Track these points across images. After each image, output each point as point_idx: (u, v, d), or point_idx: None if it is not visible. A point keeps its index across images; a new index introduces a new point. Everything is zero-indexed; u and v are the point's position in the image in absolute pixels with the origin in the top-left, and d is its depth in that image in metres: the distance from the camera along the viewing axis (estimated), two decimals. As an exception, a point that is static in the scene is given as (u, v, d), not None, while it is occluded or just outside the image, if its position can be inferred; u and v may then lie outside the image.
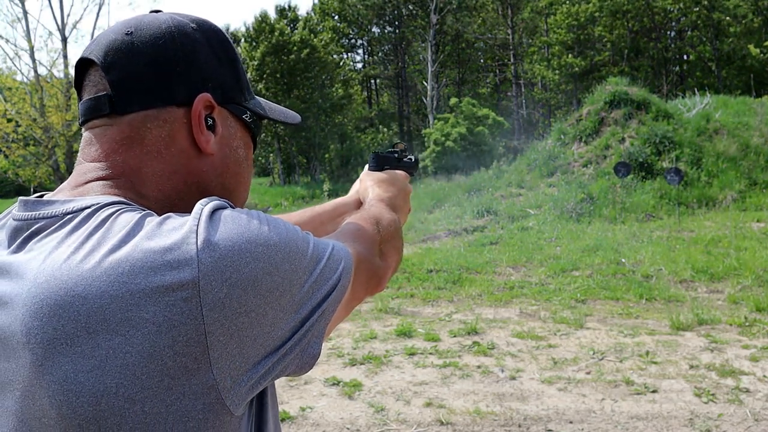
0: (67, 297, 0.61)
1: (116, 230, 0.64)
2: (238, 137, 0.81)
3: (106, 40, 0.75)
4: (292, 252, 0.67)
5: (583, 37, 35.02)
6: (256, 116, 0.83)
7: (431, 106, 33.34)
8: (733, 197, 13.40)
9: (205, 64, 0.77)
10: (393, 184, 1.19)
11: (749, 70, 32.25)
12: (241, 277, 0.62)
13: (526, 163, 17.28)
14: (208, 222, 0.64)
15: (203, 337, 0.60)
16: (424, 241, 11.60)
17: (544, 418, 3.99)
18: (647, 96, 17.30)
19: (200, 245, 0.62)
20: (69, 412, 0.61)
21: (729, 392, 4.24)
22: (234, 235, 0.63)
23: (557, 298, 6.97)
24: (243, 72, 0.83)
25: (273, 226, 0.67)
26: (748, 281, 7.11)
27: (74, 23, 24.53)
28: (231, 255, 0.62)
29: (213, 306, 0.61)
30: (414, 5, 36.86)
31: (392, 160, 1.29)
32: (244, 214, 0.66)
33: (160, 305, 0.60)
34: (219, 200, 0.68)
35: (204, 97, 0.75)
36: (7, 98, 19.13)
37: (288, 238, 0.68)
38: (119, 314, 0.60)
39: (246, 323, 0.63)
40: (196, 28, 0.78)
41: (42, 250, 0.66)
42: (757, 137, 15.88)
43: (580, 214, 12.88)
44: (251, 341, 0.64)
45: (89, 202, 0.69)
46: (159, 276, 0.60)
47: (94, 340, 0.60)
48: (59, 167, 19.60)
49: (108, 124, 0.74)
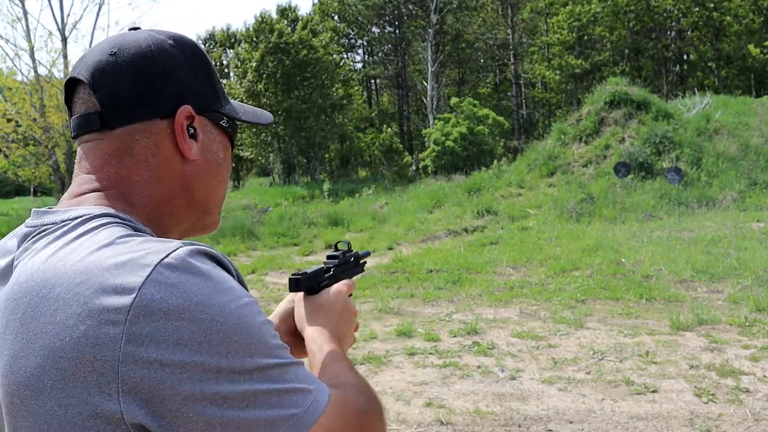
0: (30, 287, 0.70)
1: (93, 242, 0.70)
2: (217, 141, 0.88)
3: (92, 61, 0.82)
4: (238, 341, 0.67)
5: (584, 37, 35.04)
6: (231, 120, 0.90)
7: (431, 106, 33.33)
8: (733, 197, 13.40)
9: (184, 77, 0.84)
10: (331, 312, 1.00)
11: (749, 70, 32.26)
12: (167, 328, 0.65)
13: (526, 163, 17.28)
14: (174, 264, 0.67)
15: (117, 364, 0.64)
16: (424, 241, 11.60)
17: (544, 418, 3.99)
18: (647, 96, 17.31)
19: (150, 280, 0.66)
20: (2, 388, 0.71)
21: (729, 392, 4.24)
22: (188, 287, 0.66)
23: (557, 298, 6.97)
24: (218, 81, 0.90)
25: (236, 305, 0.69)
26: (748, 281, 7.10)
27: (74, 23, 24.54)
28: (170, 303, 0.65)
29: (133, 340, 0.64)
30: (414, 5, 36.84)
31: (321, 278, 1.06)
32: (212, 276, 0.69)
33: (95, 321, 0.65)
34: (200, 247, 0.72)
35: (185, 109, 0.82)
36: (7, 98, 19.13)
37: (243, 323, 0.68)
38: (65, 311, 0.66)
39: (158, 376, 0.64)
40: (173, 44, 0.84)
41: (33, 253, 0.74)
42: (757, 137, 15.89)
43: (580, 214, 12.88)
44: (159, 395, 0.65)
45: (81, 213, 0.76)
46: (104, 295, 0.65)
47: (36, 325, 0.68)
48: (59, 167, 19.59)
49: (99, 138, 0.82)
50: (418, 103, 40.89)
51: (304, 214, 14.67)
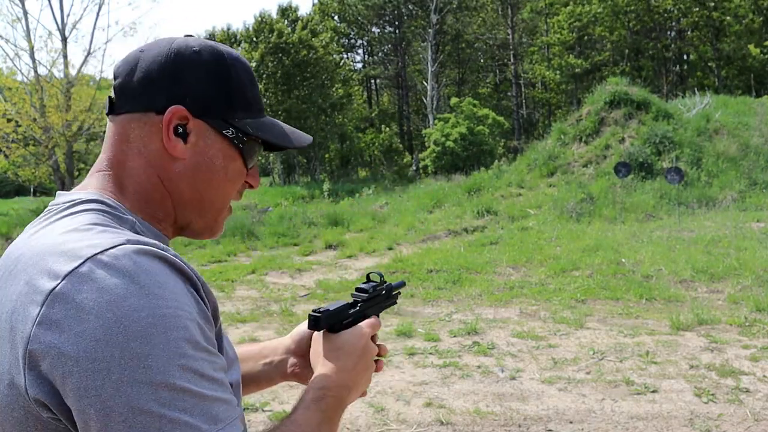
0: (6, 261, 0.79)
1: (63, 226, 0.78)
2: (216, 148, 0.89)
3: (128, 54, 0.91)
4: (135, 349, 0.66)
5: (584, 37, 35.04)
6: (243, 134, 0.90)
7: (431, 106, 33.33)
8: (733, 197, 13.40)
9: (193, 81, 0.87)
10: (349, 356, 0.96)
11: (749, 70, 32.26)
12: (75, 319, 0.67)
13: (526, 163, 17.28)
14: (104, 260, 0.70)
15: (27, 342, 0.68)
16: (424, 241, 11.60)
17: (544, 418, 3.99)
18: (647, 96, 17.31)
19: (75, 272, 0.69)
20: None
21: (729, 392, 4.24)
22: (107, 284, 0.68)
23: (557, 298, 6.97)
24: (238, 92, 0.90)
25: (150, 312, 0.68)
26: (748, 281, 7.10)
27: (74, 23, 24.46)
28: (85, 296, 0.68)
29: (43, 323, 0.68)
30: (414, 5, 36.84)
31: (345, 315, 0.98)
32: (139, 278, 0.69)
33: (26, 298, 0.71)
34: (148, 248, 0.73)
35: (176, 108, 0.86)
36: (7, 98, 19.12)
37: (149, 333, 0.67)
38: (15, 286, 0.74)
39: (55, 362, 0.67)
40: (197, 51, 0.89)
41: (26, 232, 0.83)
42: (757, 137, 15.89)
43: (580, 214, 12.88)
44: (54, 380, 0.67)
45: (76, 197, 0.84)
46: (39, 277, 0.71)
47: (1, 294, 0.76)
48: (59, 167, 19.59)
49: (111, 121, 0.90)
50: (418, 103, 40.89)
51: (304, 214, 14.66)
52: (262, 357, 1.13)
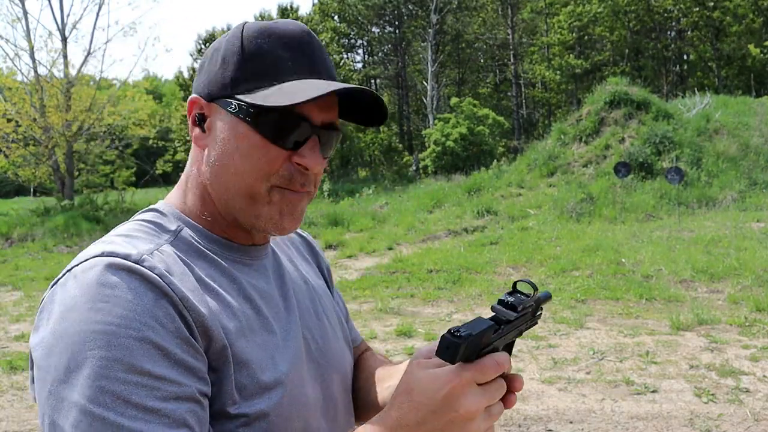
0: None
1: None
2: (227, 129, 0.83)
3: None
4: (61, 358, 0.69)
5: (584, 37, 35.03)
6: (247, 106, 0.81)
7: (431, 106, 33.32)
8: (733, 197, 13.40)
9: (209, 68, 0.86)
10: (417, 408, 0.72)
11: (749, 70, 32.25)
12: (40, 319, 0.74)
13: (526, 163, 17.28)
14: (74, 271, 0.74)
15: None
16: (424, 241, 11.60)
17: (544, 418, 3.99)
18: (647, 96, 17.31)
19: (59, 279, 0.75)
20: None
21: (729, 392, 4.23)
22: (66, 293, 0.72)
23: (557, 298, 6.97)
24: (237, 66, 0.83)
25: (86, 328, 0.68)
26: (748, 281, 7.10)
27: (74, 23, 24.45)
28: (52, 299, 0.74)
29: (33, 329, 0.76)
30: (414, 5, 36.83)
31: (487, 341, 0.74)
32: (91, 294, 0.70)
33: None
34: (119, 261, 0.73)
35: (192, 98, 0.86)
36: (7, 98, 19.10)
37: (75, 348, 0.68)
38: None
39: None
40: (226, 38, 0.86)
41: None
42: (757, 137, 15.88)
43: (580, 214, 12.87)
44: None
45: (149, 207, 0.91)
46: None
47: None
48: (59, 167, 19.57)
49: None
50: (418, 103, 40.87)
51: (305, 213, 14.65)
52: (384, 379, 1.00)
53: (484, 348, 0.73)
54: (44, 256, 12.35)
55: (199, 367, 0.73)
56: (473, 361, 0.72)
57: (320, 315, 0.98)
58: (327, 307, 1.02)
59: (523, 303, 0.77)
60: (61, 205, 17.65)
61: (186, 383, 0.70)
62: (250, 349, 0.80)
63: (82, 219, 15.72)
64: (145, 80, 27.69)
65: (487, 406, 0.73)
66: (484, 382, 0.72)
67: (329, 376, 0.94)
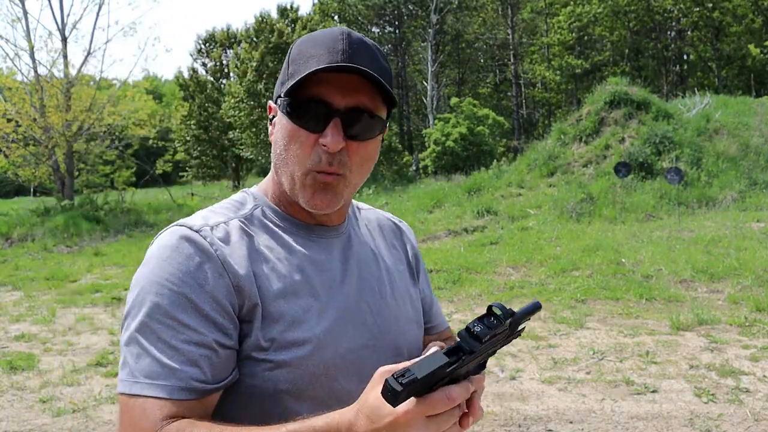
0: None
1: None
2: (278, 124, 1.00)
3: None
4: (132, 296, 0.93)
5: (584, 38, 35.03)
6: (283, 99, 0.98)
7: (431, 106, 33.32)
8: (733, 197, 13.40)
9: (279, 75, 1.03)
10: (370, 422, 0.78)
11: (749, 70, 32.25)
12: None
13: (526, 163, 17.28)
14: (161, 233, 0.98)
15: None
16: (424, 241, 11.60)
17: (544, 418, 3.99)
18: (647, 96, 17.31)
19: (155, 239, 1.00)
20: None
21: (729, 392, 4.24)
22: (150, 250, 0.96)
23: (557, 298, 6.97)
24: (286, 69, 1.00)
25: (150, 279, 0.91)
26: (748, 281, 7.10)
27: (74, 23, 24.47)
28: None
29: None
30: (414, 5, 36.82)
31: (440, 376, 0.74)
32: (162, 253, 0.93)
33: None
34: (187, 233, 0.94)
35: (270, 103, 1.04)
36: (7, 98, 19.09)
37: (141, 291, 0.92)
38: None
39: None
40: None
41: None
42: (757, 137, 15.88)
43: (580, 214, 12.88)
44: None
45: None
46: None
47: None
48: (59, 167, 19.55)
49: None
50: (418, 103, 40.86)
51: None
52: None
53: (438, 382, 0.74)
54: (44, 256, 12.35)
55: (222, 323, 0.91)
56: (423, 395, 0.73)
57: (384, 294, 1.09)
58: (398, 289, 1.14)
59: (490, 333, 0.77)
60: (61, 205, 17.65)
61: (206, 333, 0.89)
62: (288, 308, 0.95)
63: (82, 219, 15.72)
64: (145, 80, 27.69)
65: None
66: (434, 414, 0.75)
67: (380, 348, 1.04)
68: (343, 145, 0.94)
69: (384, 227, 1.24)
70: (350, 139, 0.95)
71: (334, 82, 0.93)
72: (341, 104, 0.94)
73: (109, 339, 6.15)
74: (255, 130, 28.79)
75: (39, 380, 4.99)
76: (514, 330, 0.82)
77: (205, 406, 0.89)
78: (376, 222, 1.23)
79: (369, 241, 1.15)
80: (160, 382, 0.86)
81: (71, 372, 5.15)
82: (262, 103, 27.49)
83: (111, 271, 10.19)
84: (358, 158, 0.98)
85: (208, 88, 36.72)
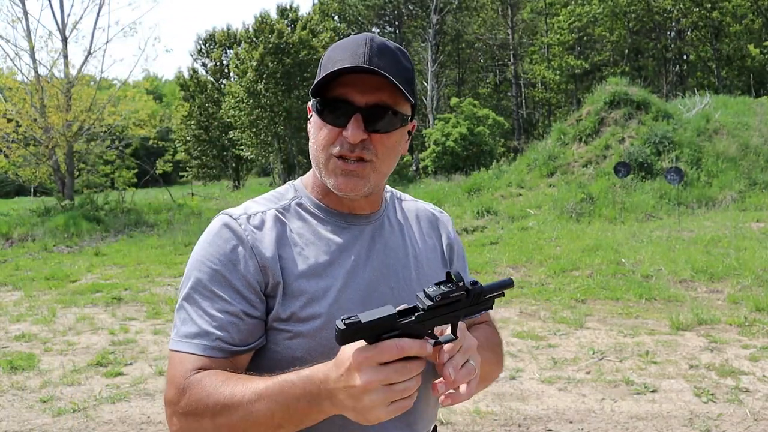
0: None
1: None
2: (312, 123, 1.15)
3: None
4: (186, 269, 1.13)
5: (584, 38, 35.03)
6: (313, 99, 1.12)
7: (431, 106, 33.33)
8: (733, 197, 13.41)
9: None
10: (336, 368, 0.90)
11: (749, 70, 32.25)
12: None
13: (526, 163, 17.28)
14: (214, 219, 1.17)
15: None
16: (424, 241, 11.60)
17: (544, 418, 3.99)
18: (647, 96, 17.31)
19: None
20: None
21: (729, 392, 4.24)
22: (204, 232, 1.15)
23: (557, 298, 6.98)
24: (319, 71, 1.12)
25: (198, 257, 1.11)
26: (748, 281, 7.11)
27: (74, 23, 24.48)
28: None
29: None
30: (414, 5, 36.84)
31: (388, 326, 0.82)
32: (208, 238, 1.13)
33: None
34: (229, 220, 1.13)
35: (308, 104, 1.17)
36: (8, 98, 19.09)
37: (191, 267, 1.12)
38: None
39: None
40: None
41: None
42: (757, 137, 15.88)
43: (580, 214, 12.88)
44: None
45: None
46: None
47: None
48: (59, 167, 19.55)
49: None
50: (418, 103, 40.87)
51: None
52: None
53: (388, 332, 0.82)
54: (44, 256, 12.35)
55: (249, 297, 1.07)
56: (373, 343, 0.83)
57: (409, 279, 1.21)
58: (425, 275, 1.24)
59: (442, 293, 0.84)
60: (61, 205, 17.64)
61: (235, 304, 1.06)
62: (308, 287, 1.09)
63: (82, 219, 15.71)
64: (146, 80, 27.68)
65: (388, 383, 0.85)
66: (384, 362, 0.85)
67: None
68: (364, 137, 1.07)
69: (422, 217, 1.38)
70: (373, 132, 1.08)
71: (356, 82, 1.07)
72: (362, 102, 1.07)
73: (109, 339, 6.14)
74: (255, 130, 28.78)
75: (39, 380, 4.99)
76: (480, 300, 0.90)
77: (235, 365, 1.05)
78: (415, 212, 1.38)
79: (402, 229, 1.27)
80: (195, 341, 1.05)
81: (71, 372, 5.16)
82: (262, 103, 27.49)
83: (111, 271, 10.19)
84: (382, 148, 1.10)
85: (208, 88, 36.70)
